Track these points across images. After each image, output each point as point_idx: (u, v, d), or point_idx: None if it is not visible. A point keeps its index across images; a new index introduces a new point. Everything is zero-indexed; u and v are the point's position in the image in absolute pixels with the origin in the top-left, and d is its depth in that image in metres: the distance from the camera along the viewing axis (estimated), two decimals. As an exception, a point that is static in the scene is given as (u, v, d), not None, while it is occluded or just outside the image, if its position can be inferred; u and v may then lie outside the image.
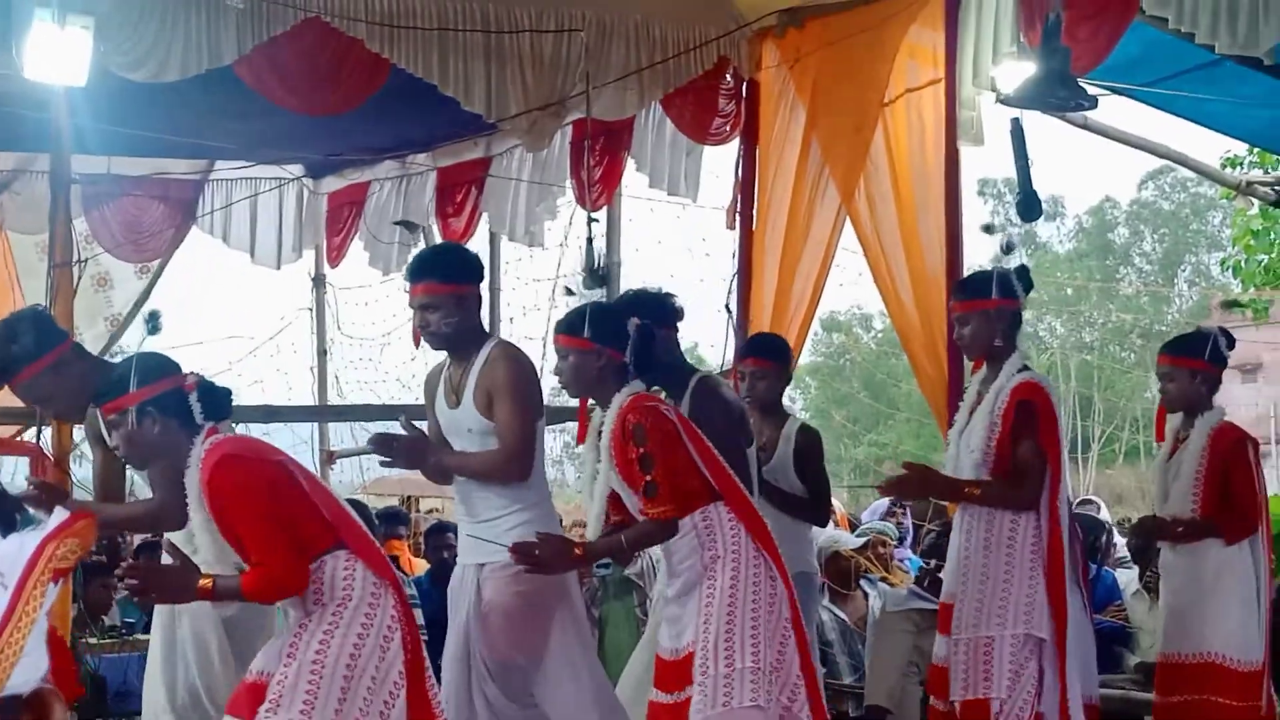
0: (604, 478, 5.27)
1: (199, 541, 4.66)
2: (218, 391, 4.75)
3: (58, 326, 5.75)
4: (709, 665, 5.09)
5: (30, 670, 2.27)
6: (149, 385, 4.63)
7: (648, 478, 5.11)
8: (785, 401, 7.25)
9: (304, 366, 13.69)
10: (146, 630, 8.33)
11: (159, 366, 4.71)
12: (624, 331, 5.28)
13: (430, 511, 15.52)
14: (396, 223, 11.13)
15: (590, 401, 5.41)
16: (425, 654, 4.75)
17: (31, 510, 2.89)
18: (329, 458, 12.94)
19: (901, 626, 7.72)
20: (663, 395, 5.64)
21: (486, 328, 5.84)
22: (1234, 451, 6.27)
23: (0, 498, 2.93)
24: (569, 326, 5.32)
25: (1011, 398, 5.73)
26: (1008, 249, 6.09)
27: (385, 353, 13.65)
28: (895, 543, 9.90)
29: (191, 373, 4.74)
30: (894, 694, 7.58)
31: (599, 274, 8.81)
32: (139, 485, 7.69)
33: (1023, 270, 5.99)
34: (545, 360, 5.64)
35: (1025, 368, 5.85)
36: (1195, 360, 6.36)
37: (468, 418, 5.57)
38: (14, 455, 7.27)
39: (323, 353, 13.42)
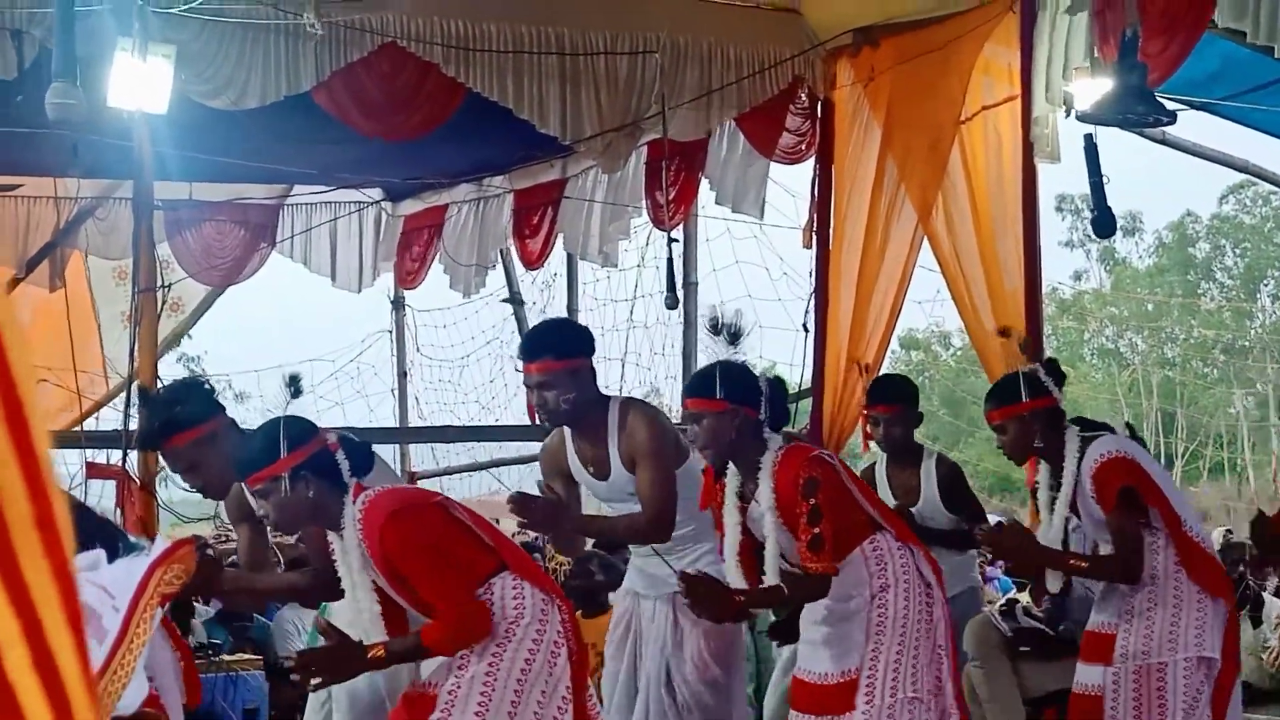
0: (773, 539, 5.12)
1: (363, 604, 4.64)
2: (359, 448, 4.70)
3: (217, 400, 5.57)
4: (875, 693, 5.05)
5: (134, 693, 2.31)
6: (299, 449, 4.58)
7: (815, 530, 5.00)
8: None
9: (384, 388, 13.80)
10: (233, 652, 8.44)
11: (304, 430, 4.66)
12: (756, 387, 5.13)
13: (515, 534, 15.58)
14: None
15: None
16: (588, 669, 4.80)
17: (133, 537, 2.93)
18: (410, 479, 13.03)
19: (999, 656, 7.51)
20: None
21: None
22: None
23: (103, 525, 2.98)
24: (700, 388, 5.17)
25: (1096, 484, 5.61)
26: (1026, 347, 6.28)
27: (464, 374, 13.74)
28: (987, 562, 9.88)
29: (332, 431, 4.70)
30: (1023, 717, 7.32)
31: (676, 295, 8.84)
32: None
33: (1051, 363, 5.94)
34: (623, 383, 5.63)
35: (1083, 442, 5.68)
36: None
37: (624, 484, 5.64)
38: (101, 479, 7.35)
39: (403, 374, 13.52)
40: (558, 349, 5.58)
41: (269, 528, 5.28)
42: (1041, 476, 5.87)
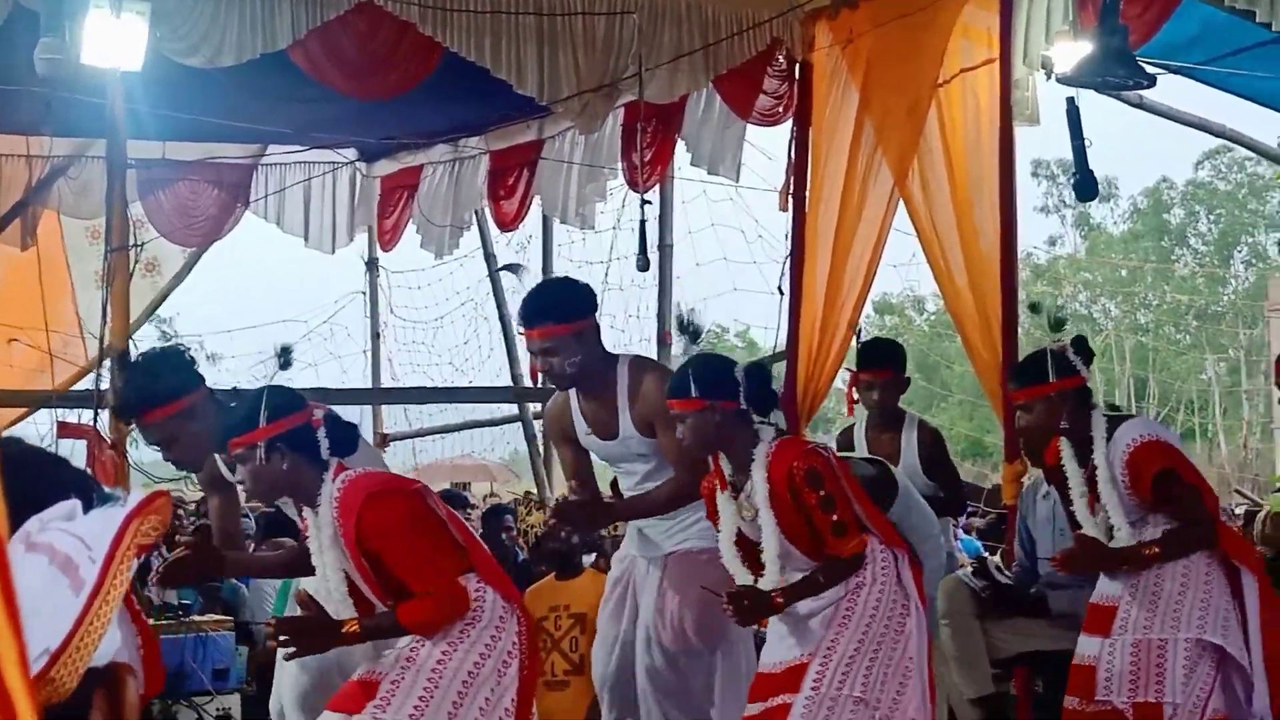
0: (771, 531, 5.05)
1: (331, 582, 4.60)
2: (343, 426, 4.68)
3: (197, 370, 5.44)
4: (823, 682, 5.00)
5: (109, 644, 2.31)
6: (279, 420, 4.58)
7: (834, 517, 4.99)
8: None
9: (358, 349, 13.78)
10: (203, 612, 8.42)
11: (288, 402, 4.65)
12: (732, 379, 5.08)
13: (487, 496, 15.60)
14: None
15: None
16: (536, 685, 4.76)
17: (107, 488, 2.90)
18: (383, 440, 13.01)
19: (969, 615, 7.48)
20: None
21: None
22: None
23: (78, 477, 2.95)
24: (675, 389, 5.11)
25: (1130, 469, 5.53)
26: (1057, 325, 5.95)
27: (438, 335, 13.74)
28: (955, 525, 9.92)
29: (319, 407, 4.68)
30: (989, 678, 7.30)
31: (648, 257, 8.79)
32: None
33: (1079, 341, 5.78)
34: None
35: (1110, 423, 5.60)
36: None
37: (634, 444, 5.60)
38: (72, 439, 7.33)
39: (376, 336, 13.49)
40: (559, 312, 5.48)
41: (244, 495, 5.24)
42: (1066, 454, 5.72)
